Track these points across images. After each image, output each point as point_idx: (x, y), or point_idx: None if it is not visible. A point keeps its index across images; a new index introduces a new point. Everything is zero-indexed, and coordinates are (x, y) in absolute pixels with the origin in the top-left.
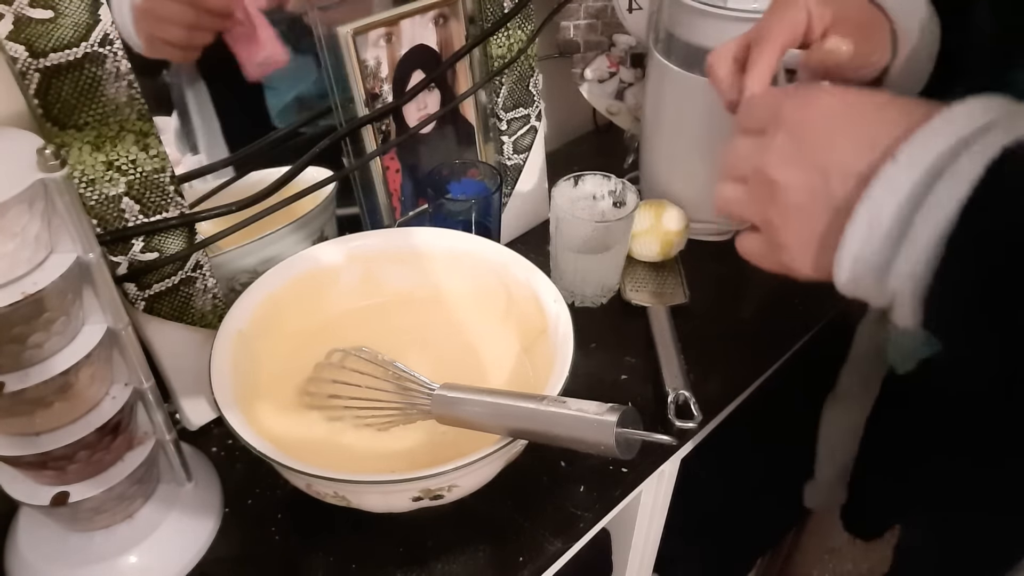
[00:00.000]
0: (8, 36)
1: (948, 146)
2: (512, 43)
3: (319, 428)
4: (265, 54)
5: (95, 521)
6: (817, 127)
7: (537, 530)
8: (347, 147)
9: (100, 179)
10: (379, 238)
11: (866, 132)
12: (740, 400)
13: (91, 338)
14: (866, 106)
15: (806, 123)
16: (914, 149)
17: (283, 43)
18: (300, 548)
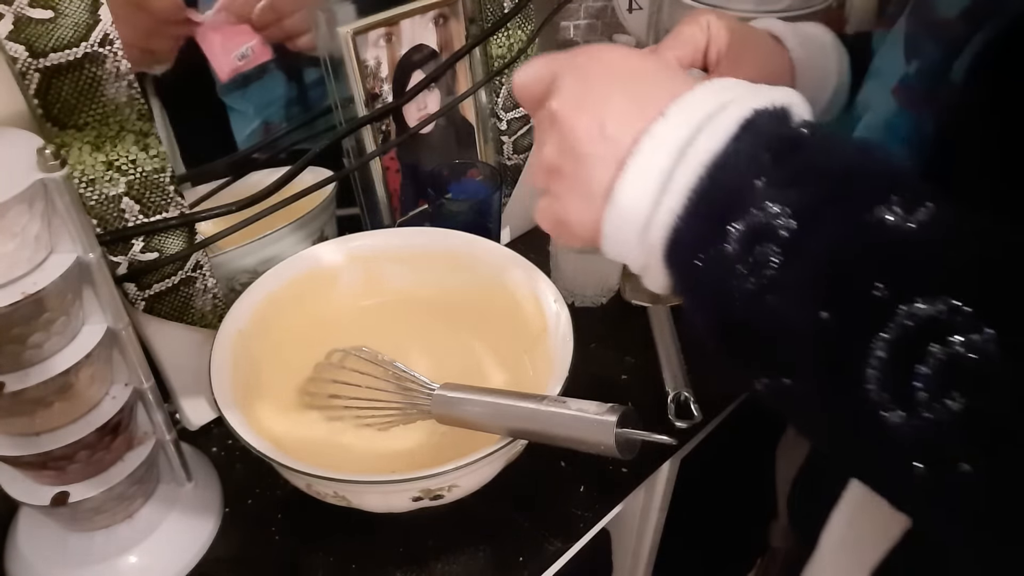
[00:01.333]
0: (8, 36)
1: (711, 107)
2: (512, 43)
3: (319, 428)
4: (247, 45)
5: (95, 521)
6: (599, 78)
7: (537, 530)
8: (347, 147)
9: (100, 179)
10: (379, 238)
11: (642, 90)
12: (740, 400)
13: (91, 338)
14: (646, 68)
15: (590, 72)
16: (682, 107)
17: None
18: (300, 548)
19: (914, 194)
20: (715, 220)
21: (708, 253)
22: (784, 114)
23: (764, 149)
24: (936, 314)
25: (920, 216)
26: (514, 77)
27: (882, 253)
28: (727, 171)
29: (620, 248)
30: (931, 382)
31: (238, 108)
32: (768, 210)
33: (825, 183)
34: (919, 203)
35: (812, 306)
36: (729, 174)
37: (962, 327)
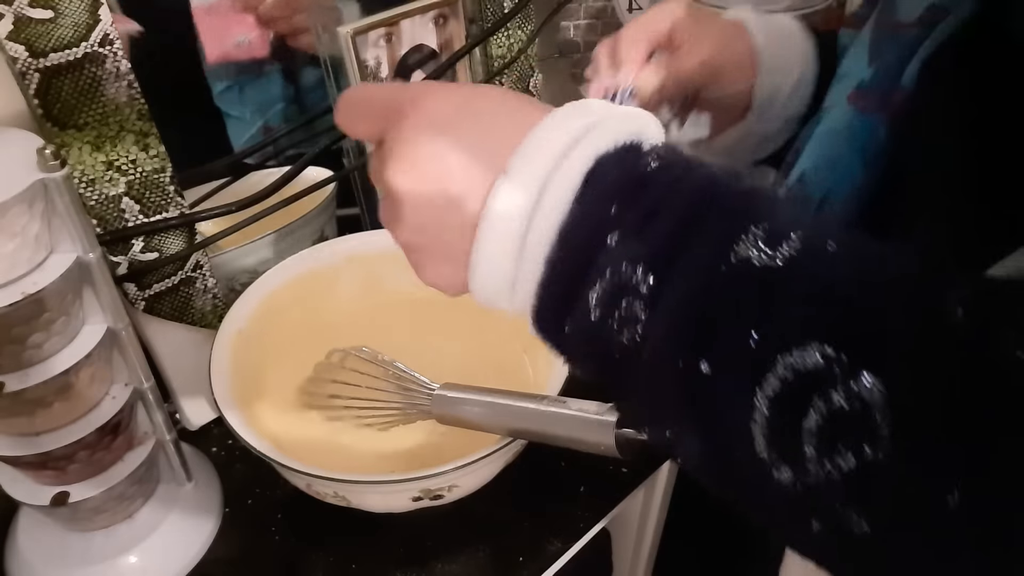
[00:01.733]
0: (8, 36)
1: (554, 155)
2: (512, 43)
3: (319, 428)
4: (246, 36)
5: (95, 521)
6: (432, 131)
7: (537, 530)
8: (347, 147)
9: (100, 179)
10: (379, 238)
11: (482, 139)
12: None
13: (91, 338)
14: (481, 108)
15: (420, 127)
16: (524, 160)
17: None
18: (300, 548)
19: (777, 224)
20: (573, 287)
21: (574, 319)
22: (630, 151)
23: (610, 200)
24: (813, 365)
25: (785, 250)
26: (339, 107)
27: (749, 297)
28: (575, 235)
29: (496, 307)
30: (816, 438)
31: (235, 114)
32: (623, 269)
33: (677, 225)
34: (784, 235)
35: (689, 359)
36: (578, 238)
37: (841, 377)
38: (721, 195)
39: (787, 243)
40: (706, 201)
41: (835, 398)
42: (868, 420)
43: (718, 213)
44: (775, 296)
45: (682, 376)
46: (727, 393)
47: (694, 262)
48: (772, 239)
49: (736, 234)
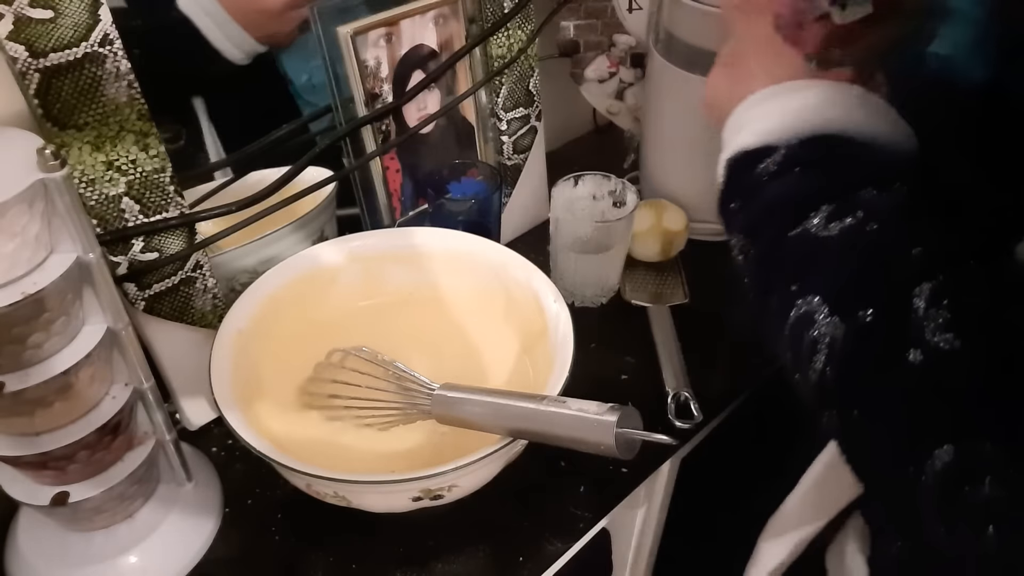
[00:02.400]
0: (8, 36)
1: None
2: (512, 43)
3: (319, 428)
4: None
5: (95, 521)
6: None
7: (537, 530)
8: (347, 147)
9: (100, 179)
10: (379, 238)
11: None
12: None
13: (91, 338)
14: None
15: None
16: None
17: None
18: (300, 548)
19: (840, 207)
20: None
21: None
22: (749, 157)
23: (731, 191)
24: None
25: (840, 225)
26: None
27: (804, 254)
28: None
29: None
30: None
31: (314, 101)
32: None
33: (766, 210)
34: (843, 214)
35: (755, 291)
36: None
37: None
38: (803, 183)
39: (846, 220)
40: (785, 190)
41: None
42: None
43: (792, 200)
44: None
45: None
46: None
47: (771, 229)
48: (831, 217)
49: (805, 213)
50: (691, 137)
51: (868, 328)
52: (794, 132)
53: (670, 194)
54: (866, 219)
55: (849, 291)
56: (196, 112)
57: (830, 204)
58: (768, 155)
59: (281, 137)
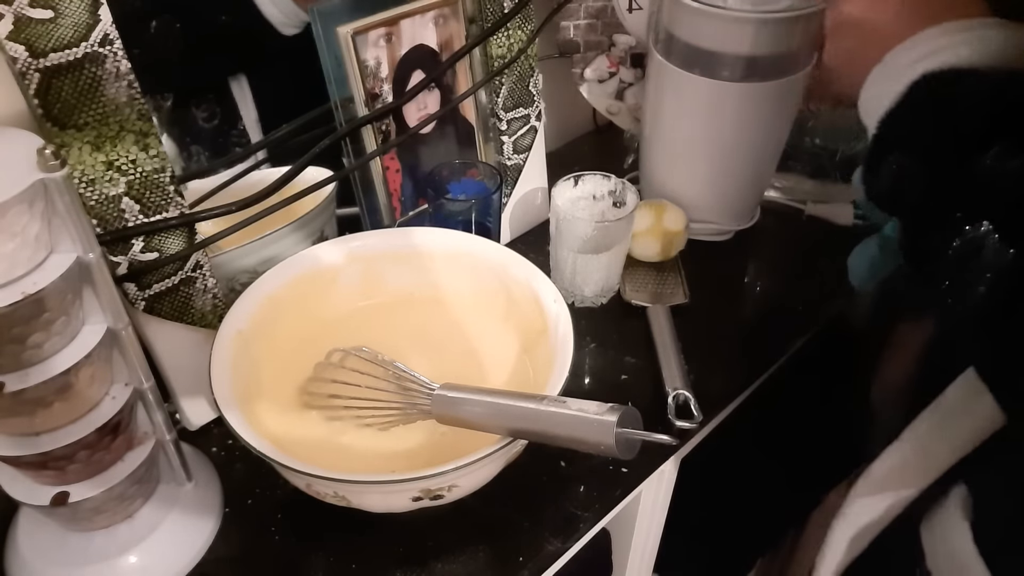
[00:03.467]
0: (8, 36)
1: (911, 58)
2: (512, 43)
3: (319, 428)
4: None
5: (95, 521)
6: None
7: (537, 530)
8: (347, 147)
9: (100, 179)
10: (379, 238)
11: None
12: (740, 400)
13: (91, 338)
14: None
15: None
16: (901, 50)
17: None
18: (300, 548)
19: (1017, 144)
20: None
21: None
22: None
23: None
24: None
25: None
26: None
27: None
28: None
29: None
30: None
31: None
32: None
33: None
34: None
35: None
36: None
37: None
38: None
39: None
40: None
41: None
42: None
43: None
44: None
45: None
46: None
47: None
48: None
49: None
50: (691, 137)
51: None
52: (992, 63)
53: (670, 194)
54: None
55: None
56: (232, 91)
57: (1009, 140)
58: (968, 79)
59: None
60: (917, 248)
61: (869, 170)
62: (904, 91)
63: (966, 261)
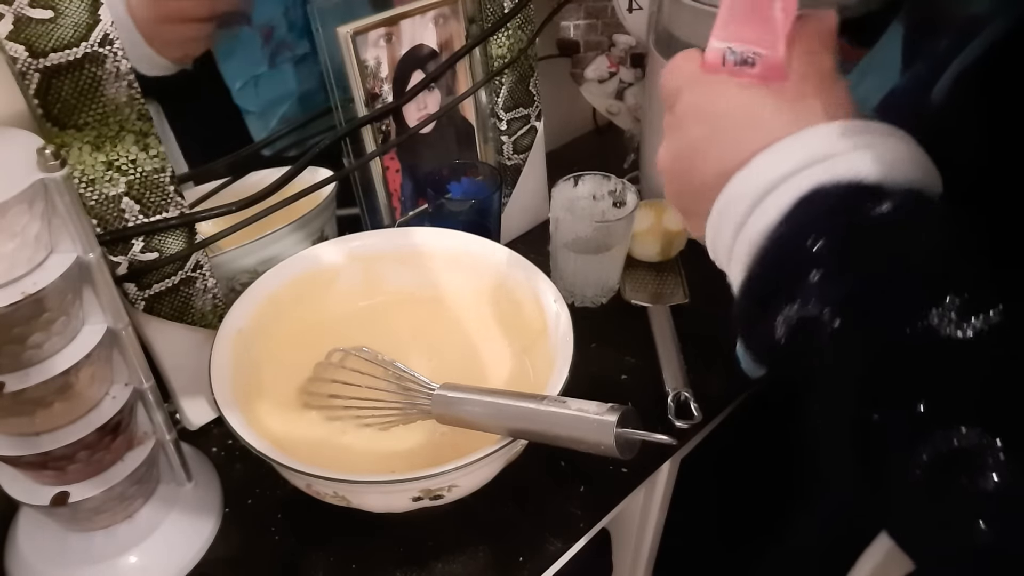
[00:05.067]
0: (8, 36)
1: (780, 173)
2: (512, 43)
3: (319, 428)
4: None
5: (95, 521)
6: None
7: (537, 530)
8: (347, 147)
9: (100, 179)
10: (379, 238)
11: (740, 137)
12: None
13: (91, 338)
14: (753, 109)
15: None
16: (759, 167)
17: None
18: (300, 548)
19: (975, 297)
20: (762, 304)
21: (757, 330)
22: (853, 192)
23: (818, 233)
24: (970, 446)
25: (977, 324)
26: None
27: (927, 364)
28: (773, 254)
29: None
30: (958, 512)
31: (253, 110)
32: (811, 304)
33: (875, 278)
34: (979, 308)
35: (861, 406)
36: (774, 258)
37: (995, 466)
38: (927, 256)
39: (981, 316)
40: (910, 260)
41: (984, 482)
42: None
43: (918, 275)
44: (953, 368)
45: (852, 418)
46: (892, 444)
47: (882, 319)
48: (966, 310)
49: (932, 299)
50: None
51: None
52: (906, 181)
53: None
54: (1005, 316)
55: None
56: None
57: (959, 295)
58: (883, 199)
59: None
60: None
61: (748, 326)
62: (790, 209)
63: (947, 481)
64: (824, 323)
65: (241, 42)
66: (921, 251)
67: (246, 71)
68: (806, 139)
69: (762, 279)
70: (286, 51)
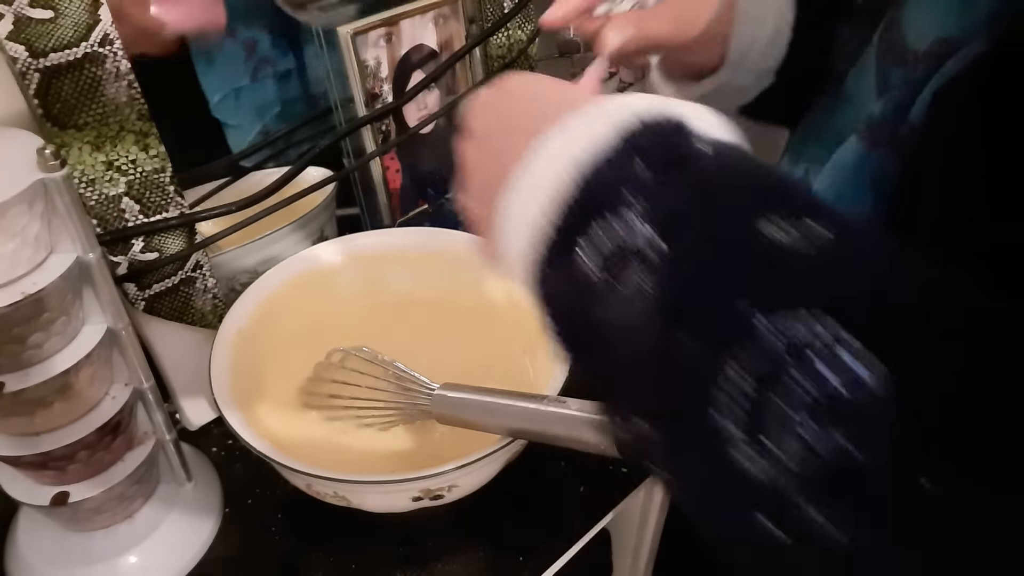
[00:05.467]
0: (8, 36)
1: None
2: (512, 43)
3: (319, 428)
4: (194, 23)
5: (95, 521)
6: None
7: (537, 530)
8: (347, 147)
9: (100, 179)
10: (379, 238)
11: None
12: None
13: (91, 338)
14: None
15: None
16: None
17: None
18: (300, 548)
19: (800, 204)
20: (572, 233)
21: (561, 269)
22: (674, 128)
23: (635, 155)
24: (810, 335)
25: (812, 232)
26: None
27: (756, 263)
28: (594, 178)
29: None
30: (791, 419)
31: (233, 123)
32: (632, 225)
33: (700, 190)
34: (811, 218)
35: (666, 323)
36: (594, 181)
37: (830, 354)
38: (758, 178)
39: (814, 225)
40: (736, 172)
41: (822, 376)
42: (857, 408)
43: (745, 188)
44: (788, 263)
45: (651, 338)
46: (693, 357)
47: (706, 228)
48: (796, 219)
49: (761, 210)
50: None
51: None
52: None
53: None
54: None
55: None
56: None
57: (786, 208)
58: (702, 138)
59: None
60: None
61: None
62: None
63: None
64: (643, 249)
65: (223, 54)
66: (744, 173)
67: (226, 84)
68: (619, 98)
69: (580, 203)
70: (268, 67)
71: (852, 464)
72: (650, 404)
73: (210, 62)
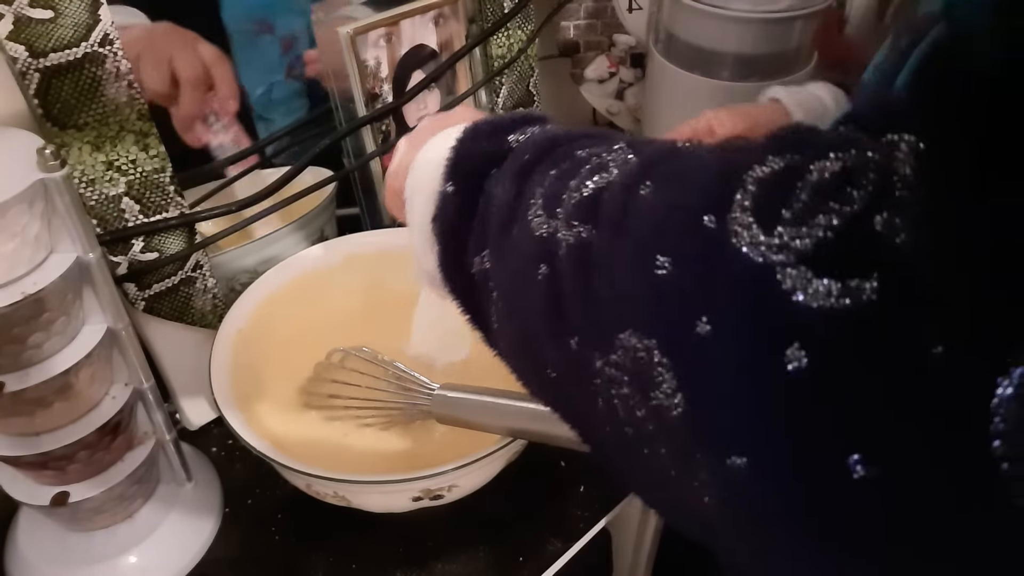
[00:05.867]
0: (8, 36)
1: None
2: (512, 43)
3: (319, 428)
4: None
5: (95, 521)
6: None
7: (537, 530)
8: (347, 147)
9: (100, 179)
10: (379, 238)
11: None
12: None
13: (91, 338)
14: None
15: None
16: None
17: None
18: (300, 548)
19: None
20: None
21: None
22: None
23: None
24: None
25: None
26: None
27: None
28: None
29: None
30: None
31: (267, 116)
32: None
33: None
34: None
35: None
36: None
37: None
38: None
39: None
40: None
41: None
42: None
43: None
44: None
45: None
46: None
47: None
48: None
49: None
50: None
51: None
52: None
53: None
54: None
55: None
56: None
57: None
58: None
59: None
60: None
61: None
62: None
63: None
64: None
65: (261, 49)
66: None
67: (265, 78)
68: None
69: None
70: (301, 64)
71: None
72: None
73: (250, 61)
